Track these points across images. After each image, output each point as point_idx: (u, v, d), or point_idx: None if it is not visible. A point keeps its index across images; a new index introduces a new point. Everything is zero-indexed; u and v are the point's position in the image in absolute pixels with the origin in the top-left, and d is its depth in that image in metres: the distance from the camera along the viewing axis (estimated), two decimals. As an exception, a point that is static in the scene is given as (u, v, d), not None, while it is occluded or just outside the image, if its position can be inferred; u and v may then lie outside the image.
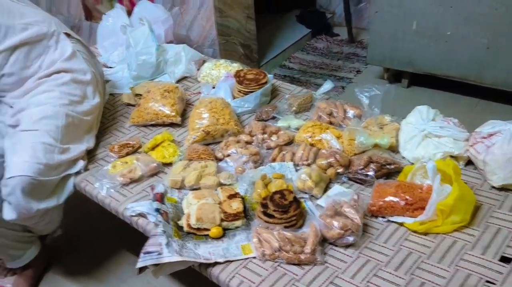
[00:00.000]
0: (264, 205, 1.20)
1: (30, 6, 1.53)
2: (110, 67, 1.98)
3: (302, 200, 1.25)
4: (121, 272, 1.69)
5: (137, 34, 1.85)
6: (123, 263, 1.71)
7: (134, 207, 1.28)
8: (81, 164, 1.44)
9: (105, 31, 2.10)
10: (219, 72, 1.82)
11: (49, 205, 1.37)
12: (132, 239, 1.73)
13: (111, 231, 1.83)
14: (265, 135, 1.52)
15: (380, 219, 1.19)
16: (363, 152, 1.39)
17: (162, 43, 1.96)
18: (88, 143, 1.50)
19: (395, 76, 2.56)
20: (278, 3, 3.22)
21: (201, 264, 1.11)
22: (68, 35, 1.55)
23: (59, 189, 1.40)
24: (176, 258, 1.08)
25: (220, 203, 1.24)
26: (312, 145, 1.45)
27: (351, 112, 1.56)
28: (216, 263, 1.11)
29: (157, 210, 1.20)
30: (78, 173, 1.45)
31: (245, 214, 1.23)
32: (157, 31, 1.99)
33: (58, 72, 1.49)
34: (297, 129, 1.54)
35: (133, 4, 2.57)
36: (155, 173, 1.43)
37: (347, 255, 1.10)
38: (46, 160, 1.33)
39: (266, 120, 1.61)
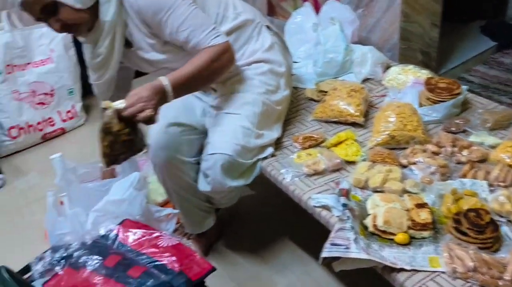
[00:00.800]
0: (457, 221, 1.15)
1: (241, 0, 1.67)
2: (295, 62, 2.07)
3: (498, 223, 1.16)
4: (284, 257, 1.76)
5: (327, 32, 1.91)
6: (286, 249, 1.79)
7: (320, 198, 1.33)
8: (270, 150, 1.54)
9: (293, 28, 2.19)
10: (407, 77, 1.78)
11: (239, 183, 1.49)
12: (295, 228, 1.82)
13: (279, 217, 1.92)
14: (455, 149, 1.45)
15: None
16: None
17: (348, 43, 1.98)
18: (277, 131, 1.59)
19: None
20: (462, 11, 3.02)
21: (385, 267, 1.11)
22: (268, 27, 1.66)
23: (249, 170, 1.52)
24: (363, 255, 1.09)
25: (407, 210, 1.22)
26: (510, 166, 1.34)
27: (559, 137, 1.41)
28: (401, 270, 1.09)
29: (344, 205, 1.23)
30: (264, 157, 1.54)
31: (433, 226, 1.19)
32: (344, 29, 2.01)
33: (257, 61, 1.60)
34: (492, 147, 1.44)
35: (316, 2, 2.65)
36: (337, 169, 1.46)
37: (555, 293, 1.00)
38: (244, 142, 1.45)
39: (455, 133, 1.54)
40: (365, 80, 1.89)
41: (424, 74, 1.78)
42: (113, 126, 1.28)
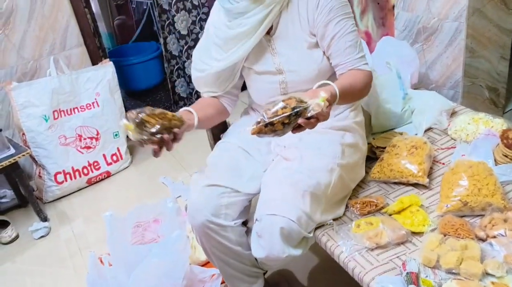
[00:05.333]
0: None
1: None
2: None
3: None
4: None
5: (383, 80, 1.74)
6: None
7: (384, 282, 1.16)
8: (330, 220, 1.38)
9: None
10: (477, 128, 1.58)
11: (297, 253, 1.34)
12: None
13: (333, 279, 1.75)
14: (543, 218, 1.24)
15: None
16: None
17: (407, 87, 1.80)
18: (343, 208, 1.43)
19: None
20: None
21: None
22: None
23: (306, 239, 1.36)
24: None
25: (492, 304, 1.03)
26: None
27: None
28: None
29: (415, 296, 1.05)
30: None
31: (525, 325, 0.99)
32: (402, 72, 1.84)
33: (346, 130, 1.48)
34: None
35: (370, 38, 2.49)
36: (402, 242, 1.28)
37: None
38: (311, 212, 1.29)
39: (541, 197, 1.33)
40: (428, 130, 1.70)
41: (498, 123, 1.57)
42: (305, 113, 1.10)
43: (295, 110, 1.09)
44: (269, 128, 1.11)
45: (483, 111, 1.72)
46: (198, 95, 3.36)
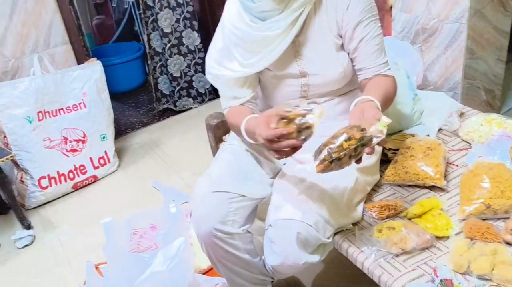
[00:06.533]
0: None
1: None
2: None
3: None
4: None
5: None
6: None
7: (417, 290, 1.11)
8: (349, 225, 1.33)
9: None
10: (490, 129, 1.56)
11: (315, 260, 1.28)
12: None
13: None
14: None
15: None
16: None
17: (415, 91, 1.77)
18: (361, 211, 1.37)
19: None
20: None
21: None
22: None
23: (323, 245, 1.31)
24: None
25: (533, 311, 0.99)
26: None
27: None
28: None
29: (455, 305, 1.01)
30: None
31: None
32: (409, 73, 1.81)
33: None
34: None
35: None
36: (427, 247, 1.24)
37: None
38: (329, 217, 1.24)
39: (561, 199, 1.31)
40: (437, 131, 1.67)
41: (510, 124, 1.55)
42: (370, 142, 1.05)
43: (361, 142, 1.02)
44: (335, 163, 1.03)
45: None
46: (180, 93, 3.27)
